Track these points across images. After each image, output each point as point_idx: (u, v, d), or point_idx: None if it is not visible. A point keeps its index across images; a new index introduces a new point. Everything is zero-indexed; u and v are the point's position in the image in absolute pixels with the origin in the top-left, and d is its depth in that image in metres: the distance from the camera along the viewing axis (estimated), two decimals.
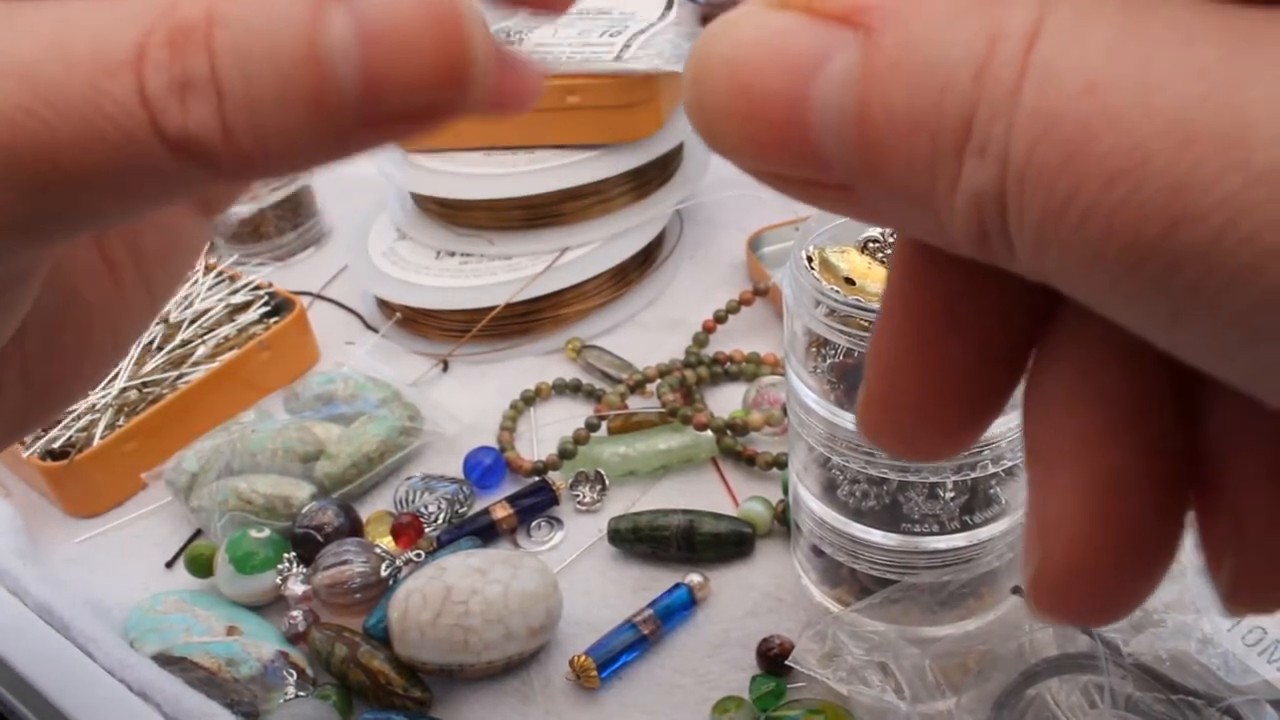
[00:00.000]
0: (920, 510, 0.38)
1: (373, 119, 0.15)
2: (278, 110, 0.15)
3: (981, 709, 0.37)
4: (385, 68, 0.15)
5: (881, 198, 0.13)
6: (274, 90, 0.15)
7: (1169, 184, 0.10)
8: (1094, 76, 0.11)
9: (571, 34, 0.64)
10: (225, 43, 0.15)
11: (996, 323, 0.14)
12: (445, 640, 0.42)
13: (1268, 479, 0.14)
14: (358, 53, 0.15)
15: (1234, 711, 0.33)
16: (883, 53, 0.12)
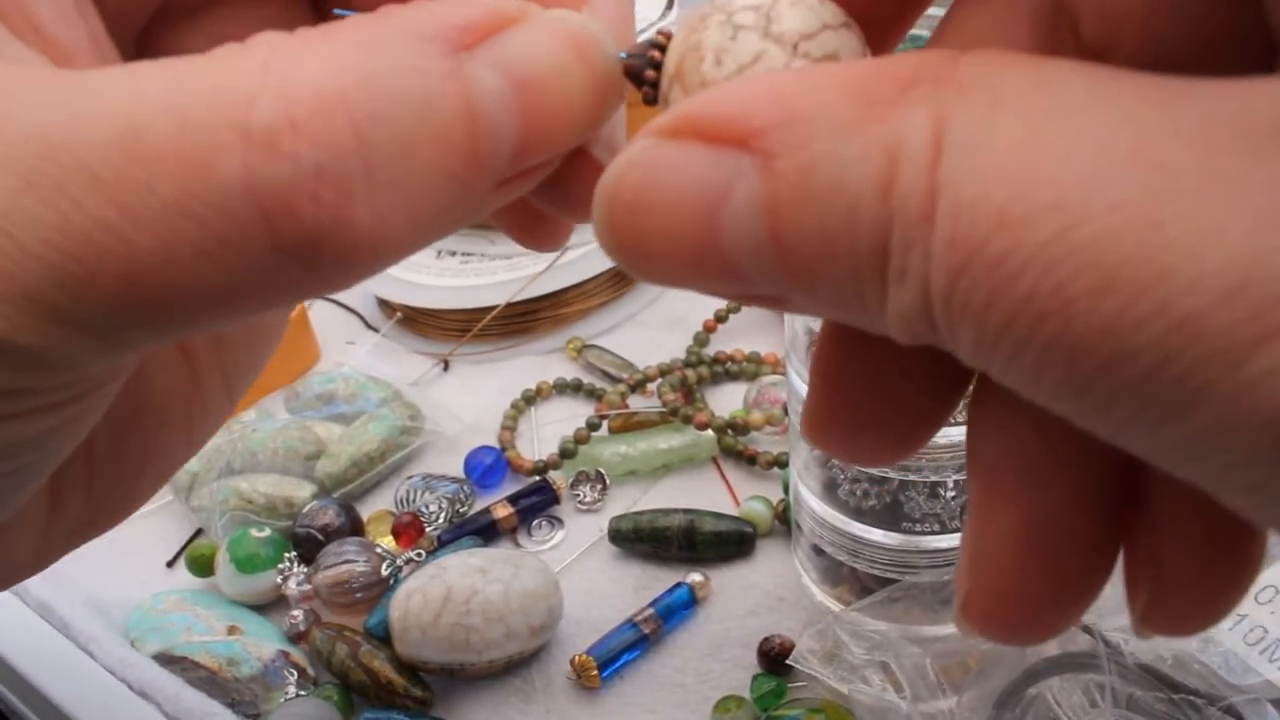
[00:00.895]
0: (921, 509, 0.38)
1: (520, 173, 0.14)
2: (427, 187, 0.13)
3: (982, 708, 0.37)
4: (543, 113, 0.14)
5: (816, 306, 0.13)
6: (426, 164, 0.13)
7: (1096, 326, 0.10)
8: (1006, 206, 0.11)
9: None
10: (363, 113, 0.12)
11: None
12: (446, 639, 0.42)
13: (1189, 516, 0.14)
14: (515, 102, 0.14)
15: (1235, 711, 0.33)
16: (784, 179, 0.12)
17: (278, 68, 0.13)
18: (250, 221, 0.12)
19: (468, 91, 0.13)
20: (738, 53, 0.15)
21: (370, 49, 0.13)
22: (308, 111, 0.12)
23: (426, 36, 0.13)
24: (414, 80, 0.13)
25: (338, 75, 0.13)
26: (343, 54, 0.13)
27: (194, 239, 0.12)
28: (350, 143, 0.12)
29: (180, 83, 0.13)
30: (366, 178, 0.13)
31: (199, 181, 0.12)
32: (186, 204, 0.12)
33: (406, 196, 0.13)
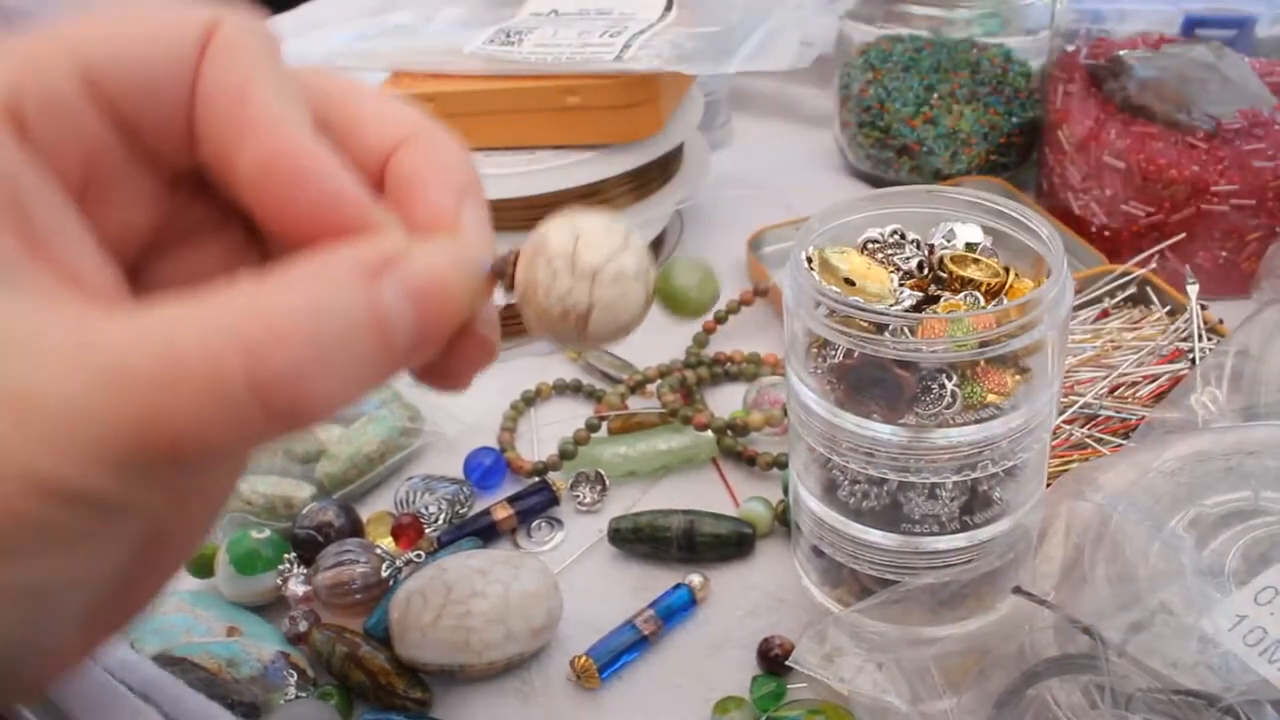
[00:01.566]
0: (920, 510, 0.38)
1: (417, 355, 0.21)
2: (358, 371, 0.20)
3: (982, 709, 0.37)
4: (432, 314, 0.21)
5: None
6: (350, 361, 0.20)
7: None
8: None
9: (571, 34, 0.64)
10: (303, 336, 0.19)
11: None
12: (446, 640, 0.42)
13: None
14: (412, 310, 0.21)
15: (1234, 711, 0.33)
16: None
17: (258, 301, 0.19)
18: (249, 405, 0.19)
19: (378, 310, 0.20)
20: (558, 288, 0.23)
21: (316, 287, 0.20)
22: (279, 330, 0.19)
23: (350, 272, 0.20)
24: (345, 306, 0.20)
25: (296, 307, 0.19)
26: (298, 292, 0.19)
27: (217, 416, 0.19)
28: (306, 350, 0.19)
29: (198, 315, 0.19)
30: (319, 368, 0.19)
31: (215, 380, 0.18)
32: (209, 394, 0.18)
33: (340, 377, 0.20)
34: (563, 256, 0.23)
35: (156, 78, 0.22)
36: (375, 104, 0.25)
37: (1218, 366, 0.48)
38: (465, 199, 0.24)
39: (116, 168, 0.22)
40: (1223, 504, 0.41)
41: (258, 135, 0.22)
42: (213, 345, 0.18)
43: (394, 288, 0.20)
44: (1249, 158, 0.58)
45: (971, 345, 0.34)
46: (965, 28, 0.72)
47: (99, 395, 0.18)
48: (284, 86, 0.22)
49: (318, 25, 1.06)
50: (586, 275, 0.23)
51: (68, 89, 0.21)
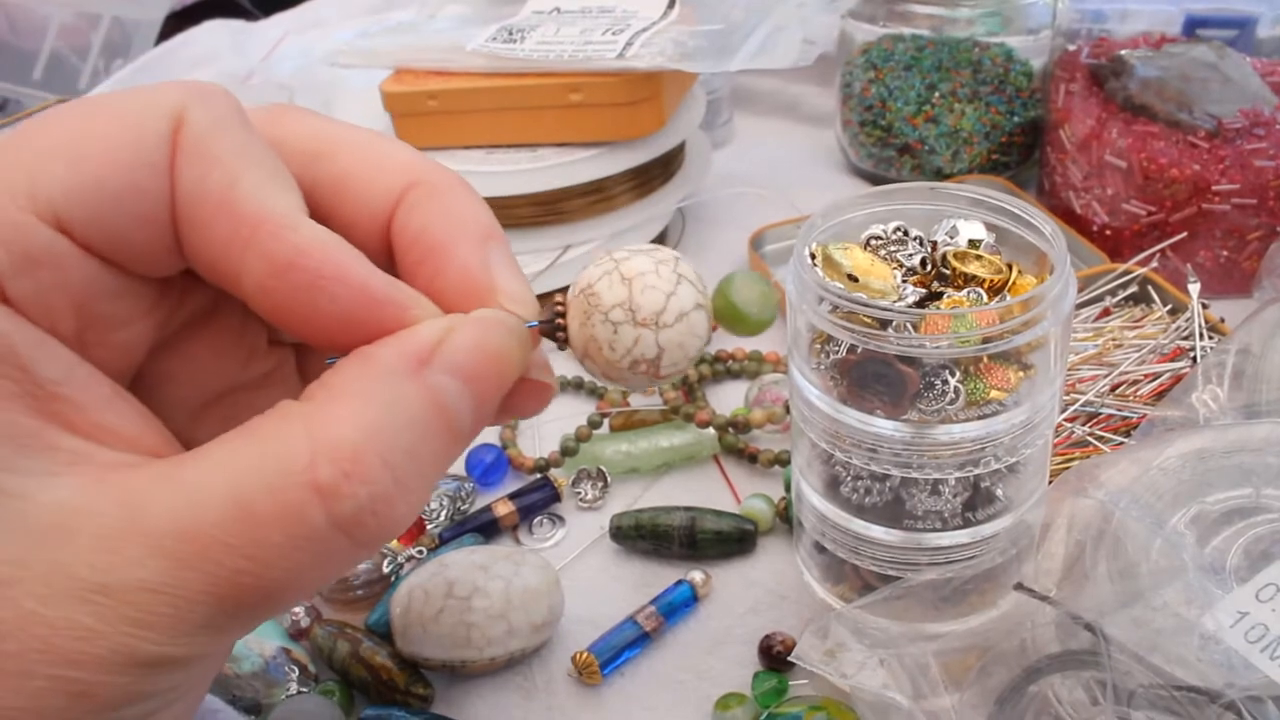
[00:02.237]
0: (923, 507, 0.38)
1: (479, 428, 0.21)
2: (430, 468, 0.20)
3: (984, 705, 0.37)
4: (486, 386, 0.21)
5: None
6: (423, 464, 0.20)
7: None
8: None
9: (574, 32, 0.64)
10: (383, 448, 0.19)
11: None
12: (447, 636, 0.42)
13: None
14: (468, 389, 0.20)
15: (1236, 708, 0.33)
16: None
17: (318, 434, 0.19)
18: (337, 541, 0.19)
19: (436, 399, 0.20)
20: (623, 341, 0.23)
21: (370, 398, 0.19)
22: (351, 464, 0.19)
23: (398, 371, 0.20)
24: (404, 408, 0.19)
25: (359, 431, 0.19)
26: (355, 411, 0.19)
27: (305, 561, 0.19)
28: (382, 473, 0.19)
29: (258, 463, 0.19)
30: (397, 486, 0.19)
31: (298, 526, 0.18)
32: (293, 542, 0.18)
33: (419, 481, 0.20)
34: (620, 308, 0.22)
35: (130, 201, 0.20)
36: (365, 153, 0.23)
37: (1219, 365, 0.48)
38: (490, 252, 0.23)
39: (109, 297, 0.21)
40: (1224, 501, 0.41)
41: (261, 246, 0.20)
42: (289, 497, 0.18)
43: (446, 375, 0.20)
44: (1250, 157, 0.58)
45: (974, 341, 0.34)
46: (967, 27, 0.72)
47: (181, 571, 0.18)
48: (271, 174, 0.21)
49: (319, 23, 1.06)
50: (650, 323, 0.23)
51: (41, 243, 0.19)
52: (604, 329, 0.23)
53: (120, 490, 0.18)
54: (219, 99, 0.21)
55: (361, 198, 0.23)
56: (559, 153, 0.62)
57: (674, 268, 0.23)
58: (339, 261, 0.20)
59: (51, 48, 1.09)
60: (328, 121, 0.24)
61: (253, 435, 0.19)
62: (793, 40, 0.64)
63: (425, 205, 0.23)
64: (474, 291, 0.22)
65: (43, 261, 0.19)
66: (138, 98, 0.21)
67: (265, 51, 1.01)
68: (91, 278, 0.20)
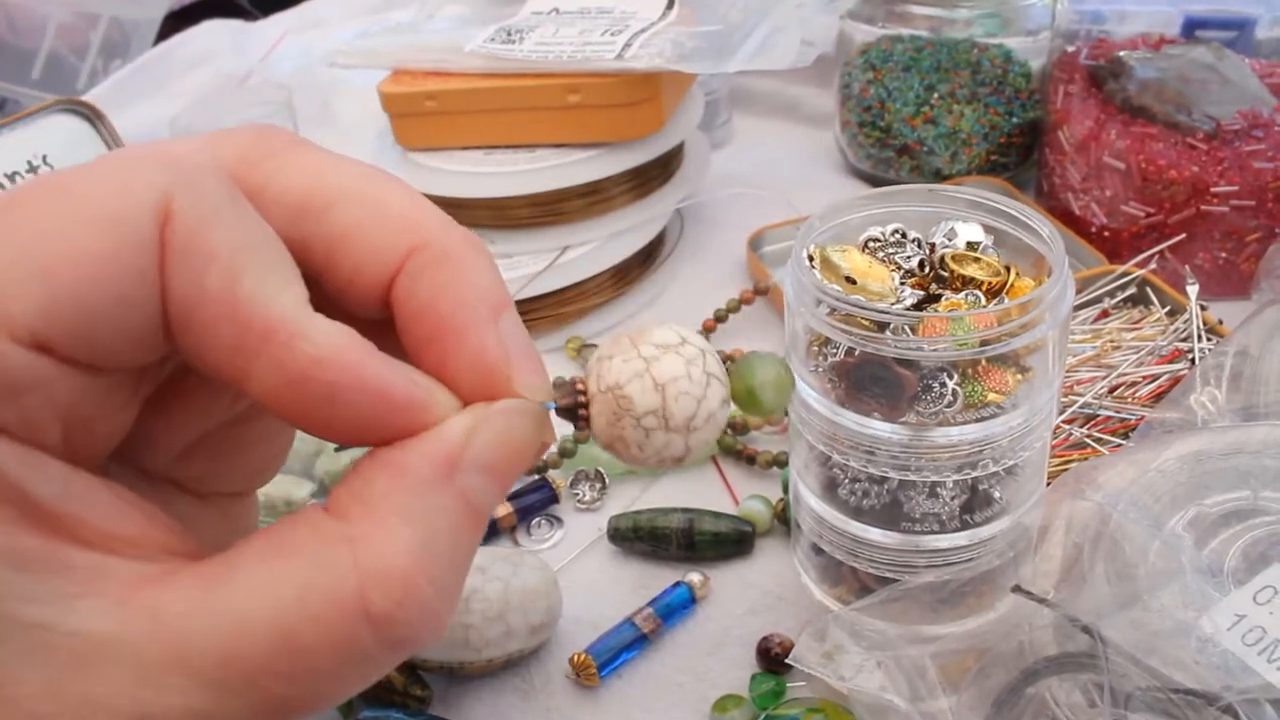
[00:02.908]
0: (920, 509, 0.38)
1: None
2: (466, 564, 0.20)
3: (981, 708, 0.37)
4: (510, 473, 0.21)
5: None
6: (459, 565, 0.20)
7: None
8: None
9: (573, 33, 0.64)
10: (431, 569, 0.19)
11: None
12: (445, 638, 0.42)
13: None
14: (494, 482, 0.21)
15: (1233, 711, 0.33)
16: None
17: (366, 563, 0.19)
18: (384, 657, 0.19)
19: (469, 502, 0.20)
20: (655, 445, 0.23)
21: (411, 518, 0.19)
22: (403, 592, 0.19)
23: (433, 481, 0.20)
24: (444, 521, 0.20)
25: (408, 557, 0.19)
26: (398, 534, 0.19)
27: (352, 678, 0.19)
28: (431, 592, 0.19)
29: (302, 592, 0.18)
30: (442, 598, 0.19)
31: (348, 653, 0.18)
32: (343, 667, 0.18)
33: (459, 584, 0.20)
34: (653, 415, 0.23)
35: (117, 315, 0.18)
36: (363, 208, 0.21)
37: (1217, 366, 0.48)
38: (504, 331, 0.21)
39: (94, 398, 0.19)
40: (1222, 503, 0.41)
41: (272, 357, 0.19)
42: (340, 630, 0.18)
43: (475, 474, 0.20)
44: (1249, 159, 0.58)
45: (972, 344, 0.34)
46: (966, 28, 0.72)
47: (228, 699, 0.17)
48: (273, 266, 0.19)
49: (318, 23, 1.06)
50: (682, 429, 0.23)
51: (20, 368, 0.18)
52: (635, 433, 0.23)
53: (152, 617, 0.18)
54: (206, 181, 0.19)
55: (360, 260, 0.21)
56: (557, 153, 0.62)
57: (703, 367, 0.23)
58: (356, 369, 0.19)
59: (50, 47, 1.09)
60: (321, 161, 0.22)
61: (291, 557, 0.19)
62: (791, 41, 0.64)
63: (432, 274, 0.21)
64: (491, 378, 0.21)
65: (24, 387, 0.18)
66: (114, 185, 0.19)
67: (264, 51, 1.01)
68: (77, 388, 0.19)
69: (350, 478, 0.20)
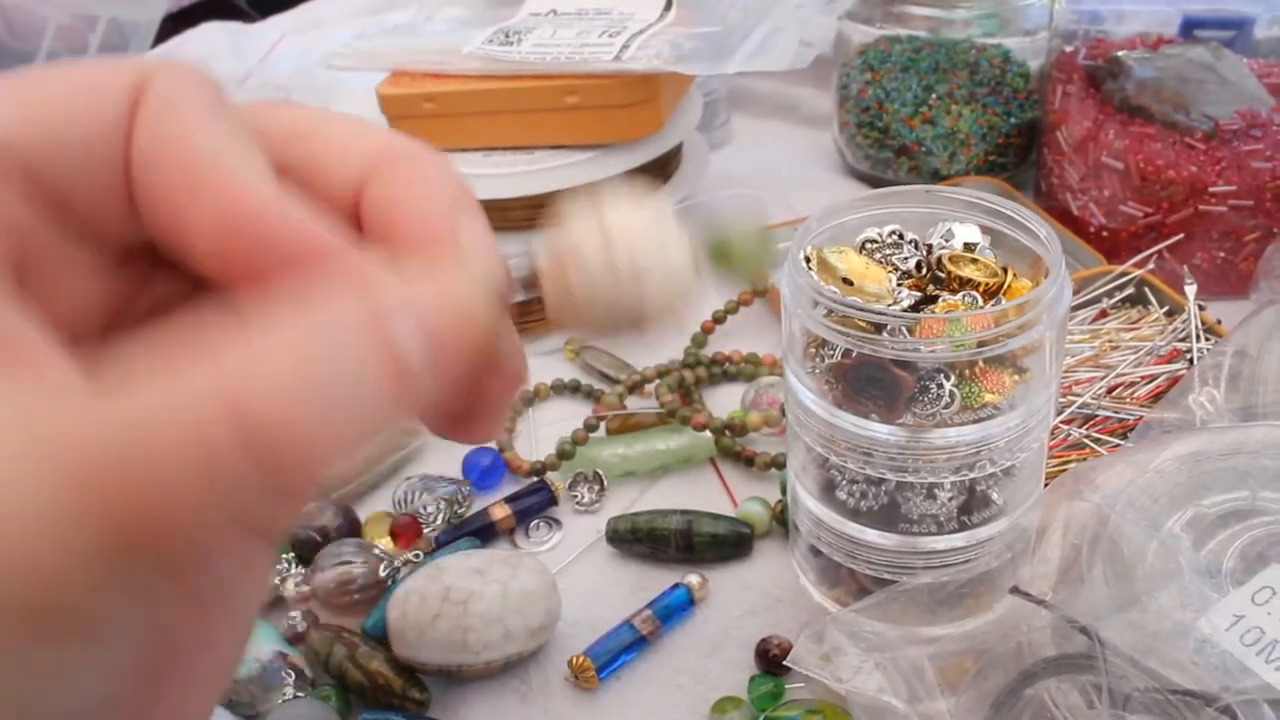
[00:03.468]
0: (918, 510, 0.38)
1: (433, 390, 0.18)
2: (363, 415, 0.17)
3: (979, 709, 0.37)
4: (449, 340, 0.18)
5: None
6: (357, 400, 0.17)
7: None
8: None
9: (570, 34, 0.64)
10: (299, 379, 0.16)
11: None
12: (444, 640, 0.42)
13: None
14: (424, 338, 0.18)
15: (1231, 712, 0.33)
16: None
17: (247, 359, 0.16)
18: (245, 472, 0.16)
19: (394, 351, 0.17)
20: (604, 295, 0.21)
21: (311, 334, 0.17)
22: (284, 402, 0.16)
23: (349, 302, 0.17)
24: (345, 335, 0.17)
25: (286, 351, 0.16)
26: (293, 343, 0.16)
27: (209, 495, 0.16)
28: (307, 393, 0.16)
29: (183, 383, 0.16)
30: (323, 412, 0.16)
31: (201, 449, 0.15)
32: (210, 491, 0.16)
33: (351, 423, 0.17)
34: (599, 264, 0.21)
35: (81, 151, 0.18)
36: (338, 133, 0.21)
37: (1215, 367, 0.48)
38: (457, 214, 0.20)
39: (50, 250, 0.19)
40: (1220, 504, 0.41)
41: (209, 194, 0.18)
42: (191, 411, 0.15)
43: (399, 311, 0.18)
44: (1247, 158, 0.58)
45: (970, 345, 0.34)
46: (964, 28, 0.72)
47: (60, 493, 0.15)
48: (234, 133, 0.19)
49: (317, 25, 1.06)
50: (631, 276, 0.21)
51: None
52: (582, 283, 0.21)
53: (15, 405, 0.15)
54: (191, 70, 0.19)
55: (333, 178, 0.21)
56: (556, 155, 0.62)
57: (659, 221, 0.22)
58: (294, 214, 0.18)
59: (49, 49, 1.09)
60: (311, 110, 0.22)
61: (171, 360, 0.16)
62: (790, 42, 0.64)
63: (391, 177, 0.21)
64: (435, 250, 0.20)
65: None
66: (92, 64, 0.19)
67: (263, 53, 1.01)
68: (33, 225, 0.18)
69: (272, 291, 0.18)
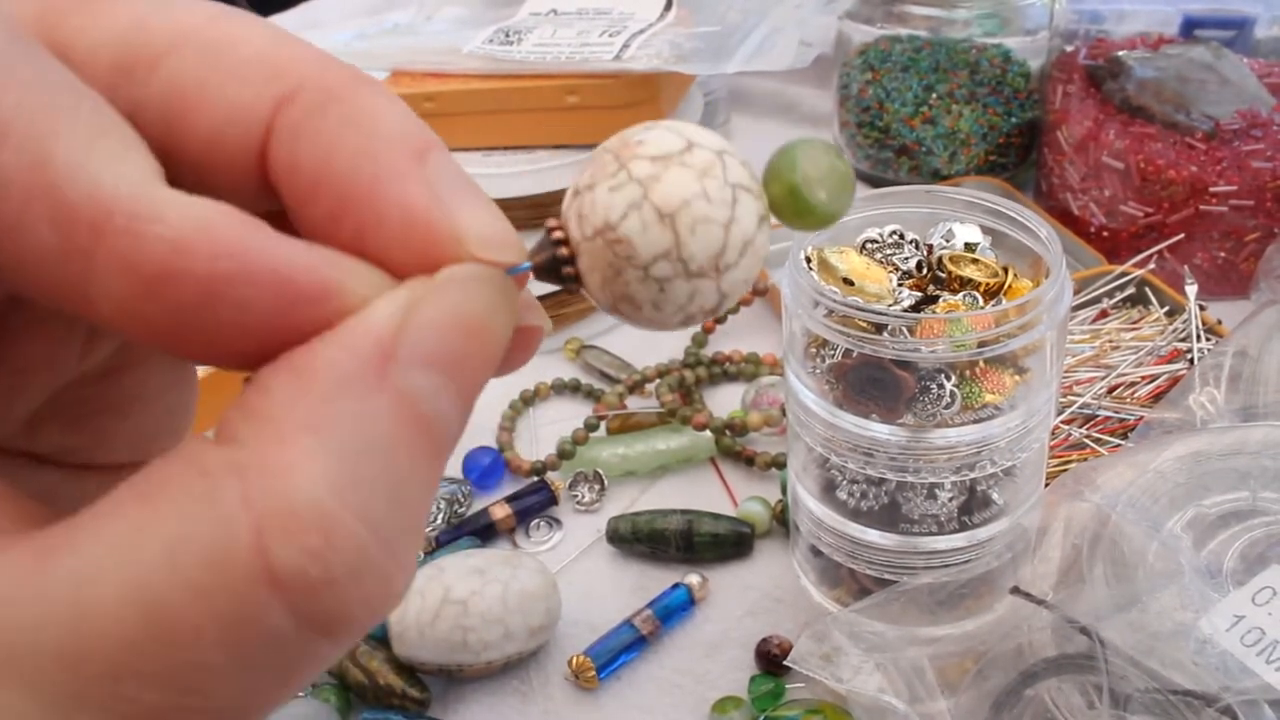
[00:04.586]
0: (919, 511, 0.38)
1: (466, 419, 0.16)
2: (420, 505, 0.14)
3: (980, 709, 0.37)
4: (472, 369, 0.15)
5: None
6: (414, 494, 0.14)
7: None
8: None
9: (571, 34, 0.64)
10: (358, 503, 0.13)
11: None
12: (444, 640, 0.42)
13: None
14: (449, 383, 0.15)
15: (1232, 712, 0.33)
16: None
17: (260, 498, 0.13)
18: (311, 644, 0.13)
19: (412, 408, 0.14)
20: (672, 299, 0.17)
21: (326, 429, 0.13)
22: (320, 537, 0.13)
23: (356, 379, 0.14)
24: (375, 432, 0.13)
25: (322, 482, 0.13)
26: (309, 453, 0.13)
27: (266, 680, 0.13)
28: (364, 534, 0.13)
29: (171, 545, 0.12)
30: (384, 548, 0.13)
31: (249, 636, 0.12)
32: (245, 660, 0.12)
33: (411, 529, 0.14)
34: (665, 260, 0.16)
35: None
36: (207, 52, 0.15)
37: (1216, 367, 0.48)
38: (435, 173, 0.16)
39: None
40: (1221, 504, 0.41)
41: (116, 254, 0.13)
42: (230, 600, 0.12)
43: (419, 370, 0.14)
44: (1247, 158, 0.58)
45: (970, 345, 0.34)
46: (964, 28, 0.72)
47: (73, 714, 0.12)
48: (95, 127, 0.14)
49: (316, 25, 1.06)
50: (710, 270, 0.16)
51: None
52: (645, 289, 0.16)
53: None
54: None
55: (210, 128, 0.15)
56: (556, 155, 0.62)
57: (724, 177, 0.17)
58: (237, 252, 0.13)
59: None
60: (143, 5, 0.15)
61: (157, 502, 0.13)
62: (790, 42, 0.64)
63: (318, 124, 0.15)
64: (427, 238, 0.15)
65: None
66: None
67: None
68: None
69: (246, 390, 0.14)
